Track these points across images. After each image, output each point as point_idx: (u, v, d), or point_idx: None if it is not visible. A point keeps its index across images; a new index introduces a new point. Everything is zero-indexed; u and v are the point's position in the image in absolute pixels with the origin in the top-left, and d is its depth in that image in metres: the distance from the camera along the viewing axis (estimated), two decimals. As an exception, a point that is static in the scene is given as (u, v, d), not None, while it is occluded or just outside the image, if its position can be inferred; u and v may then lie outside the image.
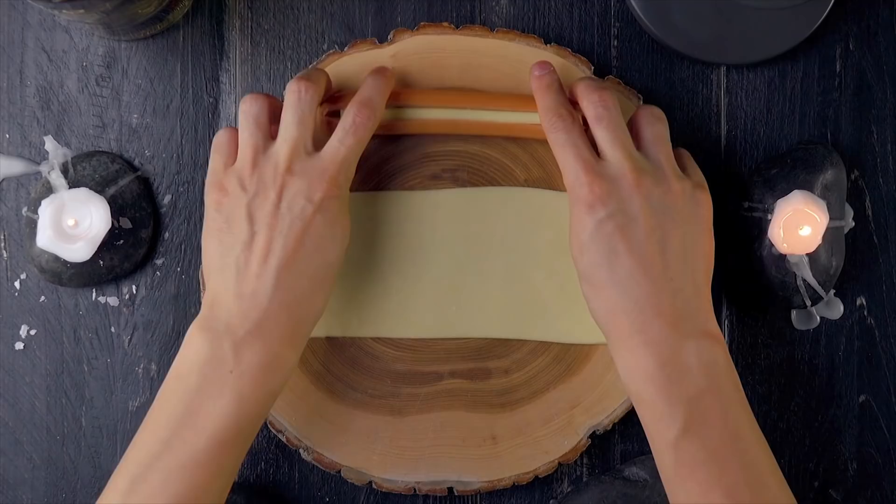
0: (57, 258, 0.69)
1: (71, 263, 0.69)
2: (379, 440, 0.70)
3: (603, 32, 0.72)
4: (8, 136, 0.71)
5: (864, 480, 0.73)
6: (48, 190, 0.70)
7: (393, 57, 0.69)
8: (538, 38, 0.70)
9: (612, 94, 0.63)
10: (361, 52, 0.69)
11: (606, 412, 0.70)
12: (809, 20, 0.70)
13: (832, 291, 0.72)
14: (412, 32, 0.70)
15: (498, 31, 0.70)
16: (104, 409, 0.71)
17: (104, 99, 0.72)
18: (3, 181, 0.71)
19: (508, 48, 0.69)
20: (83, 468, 0.72)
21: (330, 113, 0.67)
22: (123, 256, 0.70)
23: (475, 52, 0.69)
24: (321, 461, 0.69)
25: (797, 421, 0.72)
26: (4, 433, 0.71)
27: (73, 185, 0.69)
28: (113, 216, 0.69)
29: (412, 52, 0.69)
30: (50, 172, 0.70)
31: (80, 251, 0.68)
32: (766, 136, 0.72)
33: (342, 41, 0.72)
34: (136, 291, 0.72)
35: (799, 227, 0.67)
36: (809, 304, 0.70)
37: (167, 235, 0.72)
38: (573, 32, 0.72)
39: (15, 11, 0.71)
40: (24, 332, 0.72)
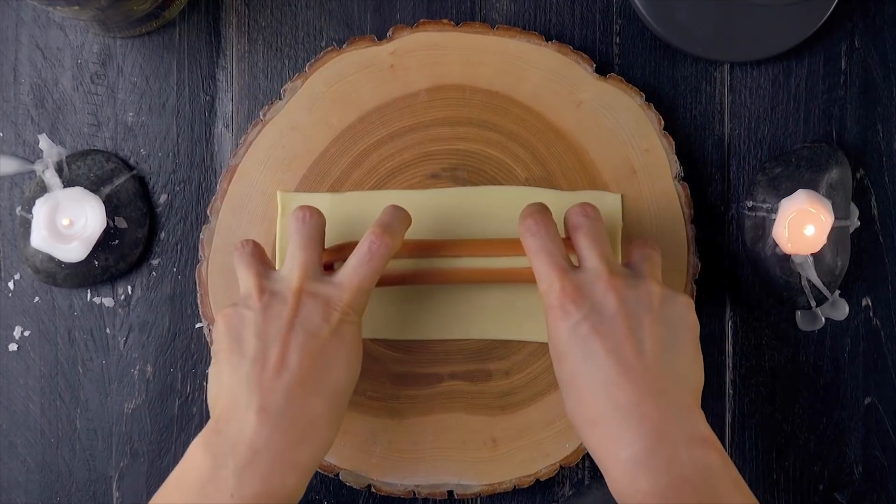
0: (51, 258, 0.68)
1: (65, 264, 0.69)
2: (378, 443, 0.69)
3: (605, 29, 0.72)
4: (1, 134, 0.71)
5: (869, 483, 0.72)
6: (42, 189, 0.69)
7: (392, 54, 0.69)
8: (539, 35, 0.70)
9: (594, 207, 0.62)
10: (360, 49, 0.70)
11: None
12: (814, 17, 0.70)
13: (837, 292, 0.72)
14: (411, 29, 0.70)
15: (498, 28, 0.70)
16: (99, 411, 0.71)
17: (99, 97, 0.71)
18: (-4, 180, 0.72)
19: (509, 45, 0.70)
20: (78, 471, 0.71)
21: (324, 266, 0.66)
22: (119, 256, 0.70)
23: (475, 49, 0.70)
24: (320, 464, 0.67)
25: (802, 423, 0.72)
26: (-2, 436, 0.72)
27: (67, 184, 0.69)
28: (108, 216, 0.69)
29: (411, 49, 0.69)
30: (44, 171, 0.70)
31: (74, 251, 0.67)
32: (770, 134, 0.72)
33: (340, 38, 0.71)
34: (131, 292, 0.71)
35: (803, 226, 0.67)
36: (814, 304, 0.70)
37: (163, 235, 0.71)
38: (574, 29, 0.72)
39: (9, 8, 0.71)
40: (17, 333, 0.71)
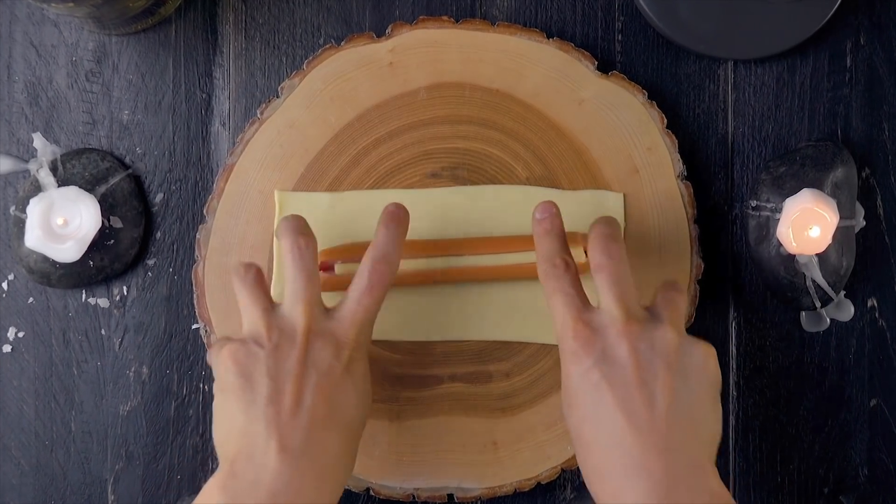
0: (46, 258, 0.68)
1: (60, 264, 0.68)
2: (377, 445, 0.69)
3: (607, 26, 0.72)
4: (-5, 132, 0.72)
5: (875, 486, 0.72)
6: (37, 188, 0.69)
7: (391, 52, 0.69)
8: (540, 32, 0.70)
9: (619, 245, 0.60)
10: (358, 46, 0.69)
11: None
12: (819, 14, 0.70)
13: (842, 293, 0.72)
14: (411, 26, 0.70)
15: (499, 25, 0.70)
16: (94, 413, 0.71)
17: (94, 95, 0.71)
18: (-10, 179, 0.71)
19: (509, 43, 0.69)
20: (72, 474, 0.71)
21: (323, 267, 0.67)
22: (114, 257, 0.70)
23: (475, 46, 0.69)
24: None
25: (806, 426, 0.72)
26: (-8, 438, 0.71)
27: (62, 183, 0.69)
28: (103, 215, 0.68)
29: (410, 46, 0.69)
30: (38, 170, 0.69)
31: (69, 251, 0.67)
32: (774, 132, 0.72)
33: (339, 35, 0.71)
34: (126, 292, 0.71)
35: (808, 226, 0.67)
36: (819, 305, 0.70)
37: (159, 235, 0.71)
38: (576, 26, 0.71)
39: (2, 5, 0.71)
40: (11, 334, 0.71)
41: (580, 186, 0.70)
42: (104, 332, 0.71)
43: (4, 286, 0.71)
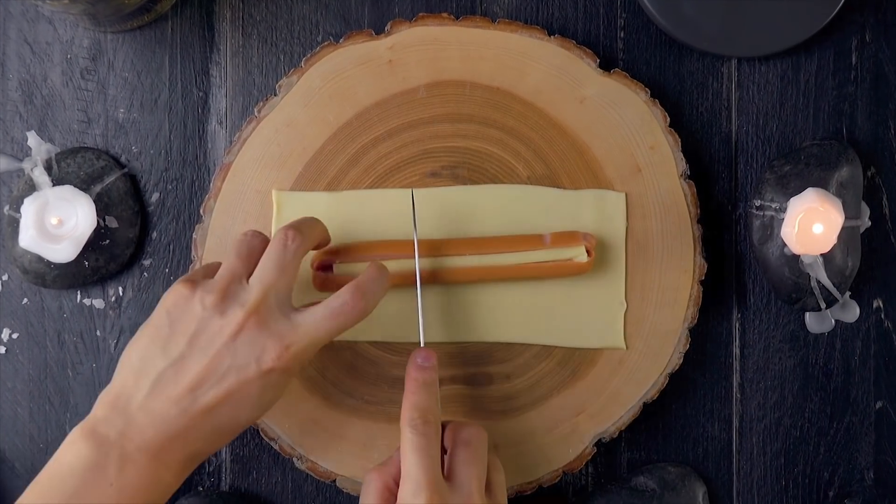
0: (40, 259, 0.68)
1: (55, 264, 0.68)
2: (376, 448, 0.69)
3: (609, 23, 0.71)
4: (-11, 131, 0.71)
5: (881, 490, 0.72)
6: (31, 188, 0.69)
7: (390, 49, 0.69)
8: (541, 29, 0.70)
9: (485, 434, 0.62)
10: (357, 43, 0.69)
11: (612, 419, 0.69)
12: (824, 10, 0.70)
13: (848, 293, 0.72)
14: (410, 23, 0.69)
15: (499, 22, 0.70)
16: None
17: (89, 93, 0.71)
18: (-16, 178, 0.71)
19: (510, 40, 0.69)
20: None
21: (321, 266, 0.66)
22: (109, 257, 0.69)
23: (476, 44, 0.69)
24: (315, 470, 0.69)
25: (811, 428, 0.72)
26: (-15, 441, 0.71)
27: (56, 182, 0.69)
28: (98, 215, 0.68)
29: (410, 43, 0.69)
30: (33, 169, 0.69)
31: (64, 251, 0.67)
32: (778, 131, 0.72)
33: (337, 32, 0.71)
34: (122, 293, 0.71)
35: (813, 226, 0.67)
36: (824, 306, 0.70)
37: (155, 235, 0.71)
38: (578, 23, 0.71)
39: (-3, 2, 0.71)
40: (5, 335, 0.71)
41: (582, 186, 0.69)
42: (99, 333, 0.70)
43: (-2, 287, 0.71)
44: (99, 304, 0.70)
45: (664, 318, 0.69)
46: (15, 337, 0.70)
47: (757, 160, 0.72)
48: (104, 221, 0.69)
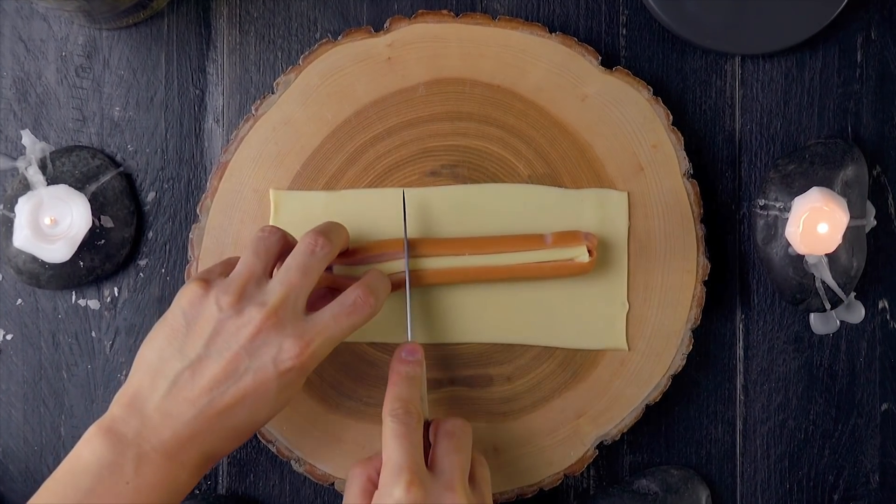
0: (34, 259, 0.68)
1: (49, 264, 0.68)
2: (374, 451, 0.67)
3: (611, 20, 0.71)
4: (-17, 130, 0.71)
5: (886, 493, 0.72)
6: (25, 187, 0.69)
7: (389, 46, 0.69)
8: (542, 26, 0.70)
9: (470, 427, 0.63)
10: (356, 41, 0.69)
11: (614, 421, 0.69)
12: (829, 7, 0.70)
13: (853, 294, 0.72)
14: (409, 20, 0.69)
15: (500, 19, 0.70)
16: (84, 418, 0.70)
17: (84, 91, 0.71)
18: (-22, 177, 0.71)
19: (511, 37, 0.69)
20: None
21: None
22: (105, 257, 0.69)
23: (476, 41, 0.69)
24: (313, 473, 0.68)
25: (816, 431, 0.72)
26: (-21, 443, 0.71)
27: (51, 181, 0.69)
28: (94, 214, 0.68)
29: (409, 41, 0.69)
30: (27, 168, 0.69)
31: (58, 251, 0.67)
32: (782, 130, 0.72)
33: (335, 29, 0.71)
34: (118, 294, 0.71)
35: (818, 226, 0.67)
36: (829, 307, 0.70)
37: (151, 235, 0.71)
38: (579, 20, 0.71)
39: (-10, -1, 0.71)
40: (-1, 336, 0.71)
41: (583, 185, 0.69)
42: (94, 334, 0.70)
43: (-8, 287, 0.71)
44: (94, 304, 0.70)
45: (667, 318, 0.69)
46: (9, 338, 0.70)
47: (761, 159, 0.72)
48: (99, 221, 0.69)
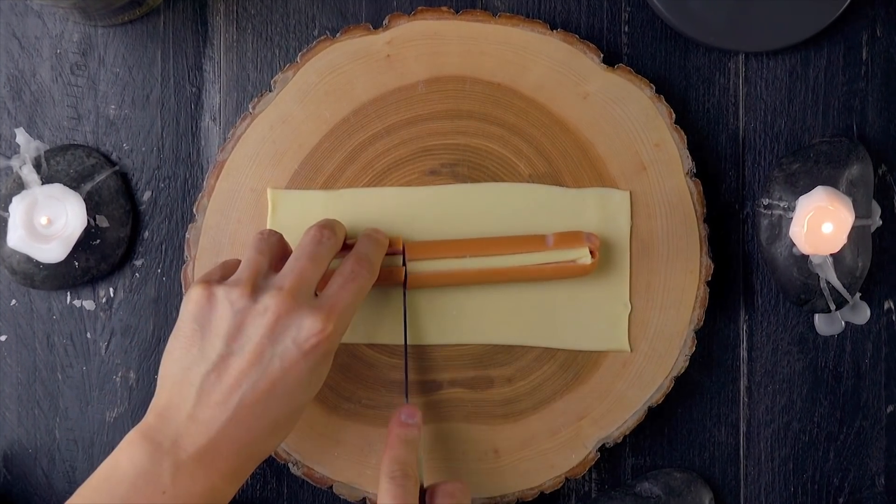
0: (29, 259, 0.68)
1: (44, 265, 0.68)
2: (373, 453, 0.68)
3: (613, 17, 0.71)
4: (-24, 128, 0.71)
5: (892, 496, 0.72)
6: (19, 186, 0.69)
7: (388, 44, 0.69)
8: (543, 23, 0.70)
9: (469, 492, 0.63)
10: (354, 38, 0.69)
11: (616, 424, 0.69)
12: (834, 4, 0.69)
13: (858, 294, 0.72)
14: (409, 17, 0.69)
15: (500, 16, 0.70)
16: (79, 420, 0.70)
17: (79, 89, 0.71)
18: (-29, 177, 0.71)
19: (511, 34, 0.69)
20: (57, 483, 0.70)
21: None
22: (100, 257, 0.69)
23: (476, 38, 0.69)
24: (311, 476, 0.68)
25: (820, 433, 0.72)
26: (-27, 446, 0.71)
27: (46, 180, 0.68)
28: (89, 214, 0.68)
29: (408, 38, 0.69)
30: (21, 167, 0.69)
31: (53, 251, 0.67)
32: (787, 128, 0.72)
33: (334, 27, 0.71)
34: (113, 294, 0.70)
35: (822, 225, 0.67)
36: (834, 308, 0.70)
37: (147, 235, 0.71)
38: (581, 17, 0.71)
39: (-16, -5, 0.71)
40: (-7, 337, 0.71)
41: (585, 184, 0.69)
42: (90, 335, 0.70)
43: (-14, 288, 0.71)
44: (89, 305, 0.70)
45: (669, 320, 0.68)
46: (3, 339, 0.70)
47: (765, 158, 0.71)
48: (94, 221, 0.68)
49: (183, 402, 0.58)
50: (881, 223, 0.71)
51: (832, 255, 0.68)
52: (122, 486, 0.56)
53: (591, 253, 0.66)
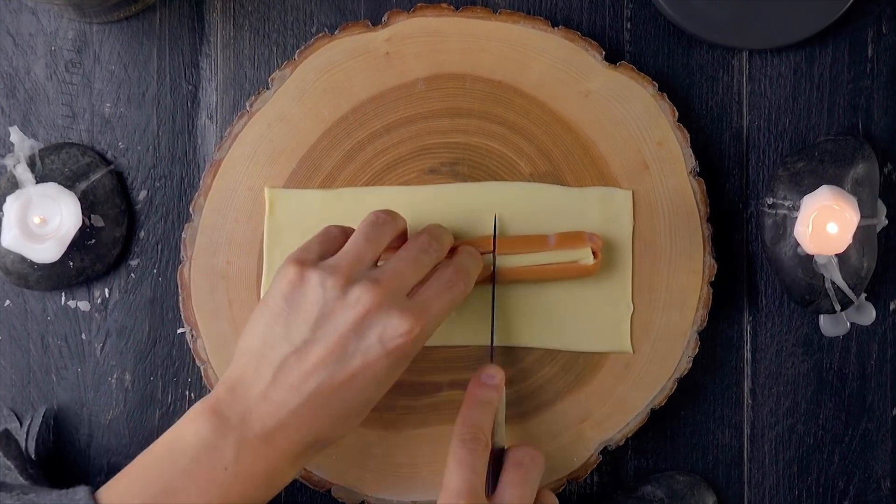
0: (23, 259, 0.68)
1: (38, 265, 0.68)
2: (372, 456, 0.68)
3: (615, 14, 0.71)
4: (-30, 126, 0.71)
5: None
6: (14, 185, 0.69)
7: (387, 41, 0.69)
8: (545, 20, 0.70)
9: (542, 458, 0.63)
10: (353, 35, 0.69)
11: (619, 426, 0.69)
12: (839, 1, 0.69)
13: (863, 295, 0.71)
14: (408, 14, 0.69)
15: (501, 12, 0.70)
16: (74, 422, 0.70)
17: (74, 86, 0.70)
18: (-35, 176, 0.71)
19: (512, 31, 0.69)
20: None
21: None
22: (95, 257, 0.69)
23: (476, 35, 0.69)
24: (310, 479, 0.68)
25: (825, 435, 0.72)
26: (-33, 448, 0.70)
27: (40, 179, 0.68)
28: (84, 213, 0.68)
29: (408, 35, 0.69)
30: (15, 166, 0.69)
31: (48, 251, 0.67)
32: (791, 126, 0.72)
33: (332, 23, 0.71)
34: (108, 295, 0.70)
35: (827, 225, 0.66)
36: (839, 308, 0.69)
37: (142, 234, 0.70)
38: (583, 14, 0.71)
39: (-23, -8, 0.71)
40: (-13, 339, 0.71)
41: (587, 183, 0.69)
42: (85, 336, 0.70)
43: (-21, 288, 0.71)
44: (84, 306, 0.70)
45: (672, 320, 0.68)
46: (-3, 340, 0.71)
47: (769, 156, 0.71)
48: (90, 220, 0.68)
49: (258, 378, 0.58)
50: (887, 223, 0.71)
51: (837, 255, 0.68)
52: (184, 457, 0.56)
53: (593, 253, 0.66)
